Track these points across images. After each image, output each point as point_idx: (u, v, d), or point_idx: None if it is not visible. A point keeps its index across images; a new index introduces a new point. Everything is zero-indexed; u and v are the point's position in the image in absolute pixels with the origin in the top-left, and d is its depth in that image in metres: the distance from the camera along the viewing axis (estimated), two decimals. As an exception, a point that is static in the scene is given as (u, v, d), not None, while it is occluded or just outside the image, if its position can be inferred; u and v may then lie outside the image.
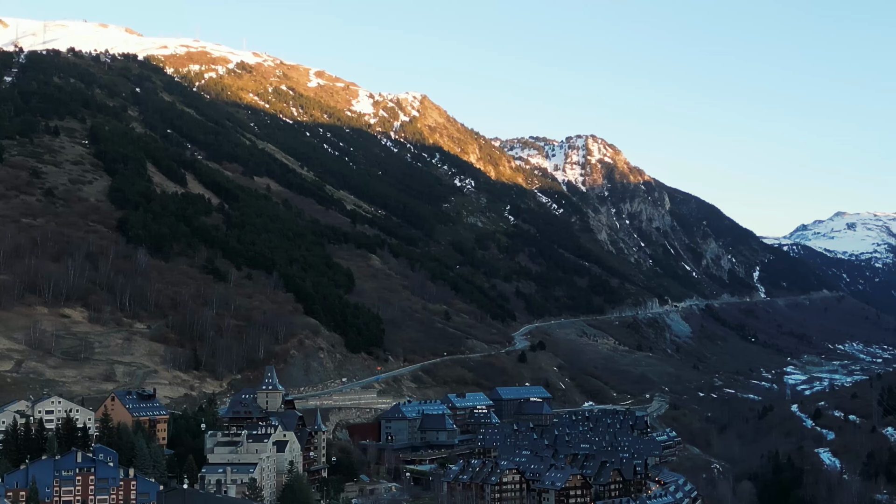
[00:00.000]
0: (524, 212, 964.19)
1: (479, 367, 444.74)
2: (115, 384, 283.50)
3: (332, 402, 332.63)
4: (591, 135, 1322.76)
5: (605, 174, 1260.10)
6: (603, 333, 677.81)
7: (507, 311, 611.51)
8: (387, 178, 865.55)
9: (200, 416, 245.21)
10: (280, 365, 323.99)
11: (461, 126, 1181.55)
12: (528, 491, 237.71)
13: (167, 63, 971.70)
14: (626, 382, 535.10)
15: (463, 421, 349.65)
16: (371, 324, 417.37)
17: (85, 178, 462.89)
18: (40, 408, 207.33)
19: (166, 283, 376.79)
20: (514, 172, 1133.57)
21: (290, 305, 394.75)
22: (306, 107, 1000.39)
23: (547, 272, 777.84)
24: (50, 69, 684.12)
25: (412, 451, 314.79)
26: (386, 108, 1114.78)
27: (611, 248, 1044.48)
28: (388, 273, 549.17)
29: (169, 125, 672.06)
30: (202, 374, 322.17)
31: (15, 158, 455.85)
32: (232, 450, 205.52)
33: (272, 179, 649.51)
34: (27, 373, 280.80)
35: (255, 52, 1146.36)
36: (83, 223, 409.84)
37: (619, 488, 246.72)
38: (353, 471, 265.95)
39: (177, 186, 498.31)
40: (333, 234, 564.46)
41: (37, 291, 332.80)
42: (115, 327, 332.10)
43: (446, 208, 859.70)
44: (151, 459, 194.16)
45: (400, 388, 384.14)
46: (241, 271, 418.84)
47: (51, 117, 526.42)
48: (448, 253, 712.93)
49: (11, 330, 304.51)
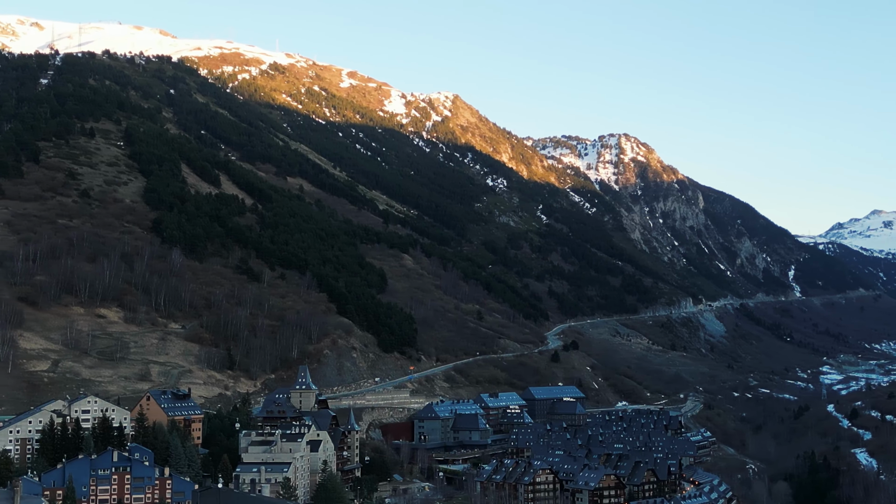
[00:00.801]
0: (557, 211, 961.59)
1: (512, 367, 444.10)
2: (151, 384, 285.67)
3: (365, 401, 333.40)
4: (624, 133, 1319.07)
5: (638, 173, 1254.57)
6: (636, 333, 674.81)
7: (539, 310, 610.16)
8: (419, 178, 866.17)
9: (234, 416, 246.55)
10: (313, 365, 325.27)
11: (493, 125, 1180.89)
12: (561, 491, 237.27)
13: (201, 64, 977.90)
14: (660, 382, 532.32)
15: (496, 421, 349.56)
16: (404, 323, 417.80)
17: (120, 179, 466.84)
18: (77, 407, 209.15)
19: (200, 283, 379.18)
20: (547, 172, 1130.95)
21: (323, 305, 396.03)
22: (339, 107, 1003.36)
23: (580, 271, 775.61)
24: (85, 71, 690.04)
25: (445, 451, 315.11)
26: (418, 108, 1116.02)
27: (644, 247, 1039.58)
28: (420, 273, 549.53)
29: (203, 126, 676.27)
30: (236, 374, 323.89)
31: (51, 160, 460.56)
32: (266, 449, 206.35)
33: (305, 180, 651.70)
34: (64, 372, 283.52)
35: (288, 53, 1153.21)
36: (118, 224, 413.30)
37: (653, 488, 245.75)
38: (387, 470, 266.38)
39: (211, 187, 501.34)
40: (366, 233, 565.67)
41: (73, 292, 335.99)
42: (150, 327, 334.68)
43: (478, 208, 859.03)
44: (186, 458, 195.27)
45: (433, 387, 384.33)
46: (274, 271, 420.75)
47: (86, 119, 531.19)
48: (480, 252, 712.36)
49: (48, 330, 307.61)
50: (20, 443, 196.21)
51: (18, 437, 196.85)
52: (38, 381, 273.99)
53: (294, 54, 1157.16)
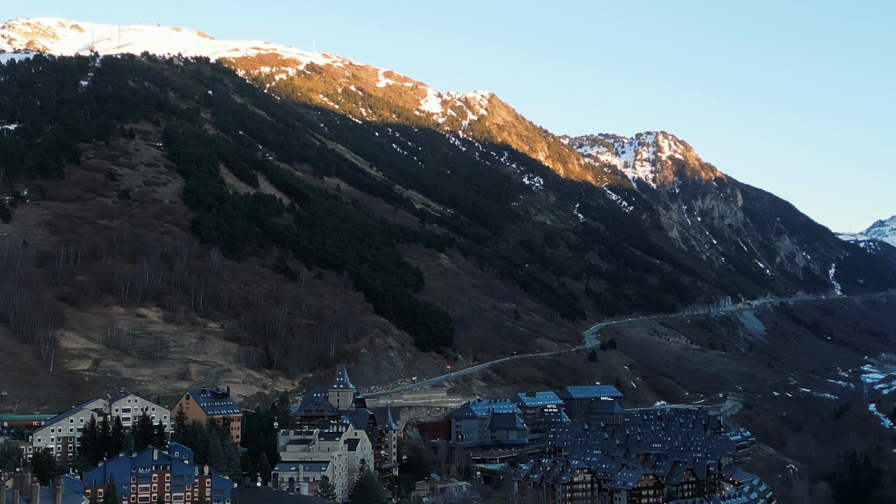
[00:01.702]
0: (594, 209, 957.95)
1: (549, 366, 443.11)
2: (190, 383, 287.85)
3: (402, 400, 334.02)
4: (662, 131, 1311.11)
5: (675, 171, 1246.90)
6: (674, 332, 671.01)
7: (576, 309, 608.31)
8: (455, 177, 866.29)
9: (273, 415, 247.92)
10: (351, 364, 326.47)
11: (529, 124, 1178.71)
12: (599, 491, 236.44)
13: (238, 65, 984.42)
14: (699, 381, 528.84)
15: (533, 420, 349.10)
16: (440, 323, 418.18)
17: (159, 179, 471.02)
18: (117, 406, 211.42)
19: (239, 282, 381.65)
20: (584, 170, 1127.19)
21: (361, 304, 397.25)
22: (375, 107, 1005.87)
23: (617, 270, 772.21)
24: (125, 73, 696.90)
25: (482, 450, 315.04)
26: (454, 107, 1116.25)
27: (682, 245, 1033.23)
28: (457, 272, 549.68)
29: (240, 127, 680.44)
30: (274, 373, 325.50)
31: (91, 161, 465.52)
32: (304, 448, 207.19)
33: (342, 179, 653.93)
34: (104, 372, 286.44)
35: (325, 54, 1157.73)
36: (158, 224, 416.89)
37: (692, 488, 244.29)
38: (424, 469, 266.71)
39: (248, 187, 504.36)
40: (402, 233, 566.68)
41: (113, 292, 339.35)
42: (189, 326, 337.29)
43: (515, 207, 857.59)
44: (225, 457, 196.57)
45: (470, 386, 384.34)
46: (311, 271, 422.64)
47: (126, 120, 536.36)
48: (517, 251, 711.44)
49: (89, 329, 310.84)
50: (62, 441, 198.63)
51: (60, 436, 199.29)
52: (79, 381, 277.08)
53: (331, 54, 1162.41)
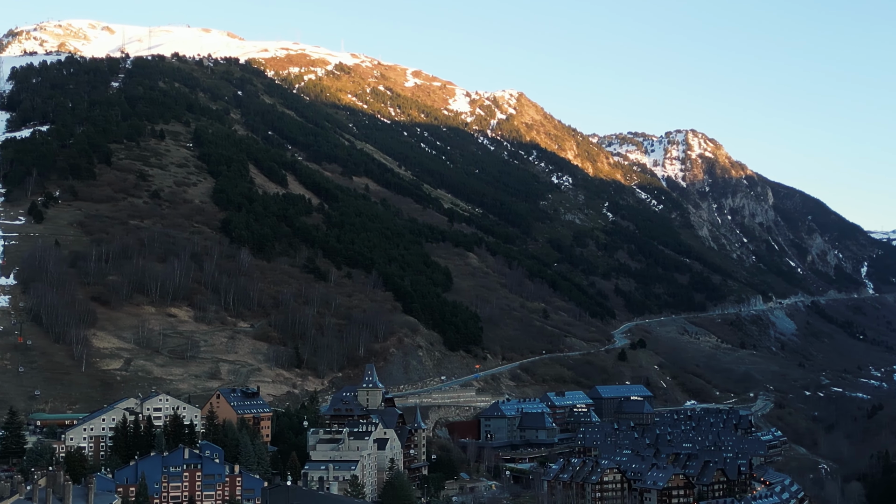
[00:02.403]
0: (623, 208, 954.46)
1: (579, 366, 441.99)
2: (220, 382, 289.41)
3: (431, 399, 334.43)
4: (691, 129, 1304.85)
5: (705, 169, 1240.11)
6: (705, 331, 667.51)
7: (606, 308, 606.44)
8: (484, 177, 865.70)
9: (303, 414, 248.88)
10: (380, 363, 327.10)
11: (558, 123, 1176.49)
12: (629, 490, 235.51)
13: (268, 66, 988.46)
14: (729, 381, 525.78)
15: (562, 419, 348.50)
16: (469, 322, 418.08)
17: (189, 180, 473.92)
18: (149, 405, 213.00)
19: (268, 282, 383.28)
20: (613, 169, 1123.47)
21: (389, 304, 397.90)
22: (404, 106, 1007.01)
23: (647, 269, 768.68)
24: (155, 74, 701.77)
25: (512, 450, 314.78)
26: (482, 106, 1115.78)
27: (712, 244, 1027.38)
28: (485, 271, 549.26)
29: (270, 127, 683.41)
30: (304, 372, 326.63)
31: (122, 162, 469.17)
32: (334, 447, 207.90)
33: (370, 179, 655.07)
34: (136, 371, 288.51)
35: (353, 54, 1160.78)
36: (188, 224, 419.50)
37: (722, 488, 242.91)
38: (453, 468, 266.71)
39: (278, 187, 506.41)
40: (431, 232, 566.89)
41: (144, 291, 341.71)
42: (219, 326, 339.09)
43: (544, 206, 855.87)
44: (256, 456, 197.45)
45: (499, 386, 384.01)
46: (340, 270, 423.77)
47: (156, 121, 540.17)
48: (546, 250, 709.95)
49: (121, 329, 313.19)
50: (94, 440, 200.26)
51: (92, 435, 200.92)
52: (111, 380, 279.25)
53: (359, 54, 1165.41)
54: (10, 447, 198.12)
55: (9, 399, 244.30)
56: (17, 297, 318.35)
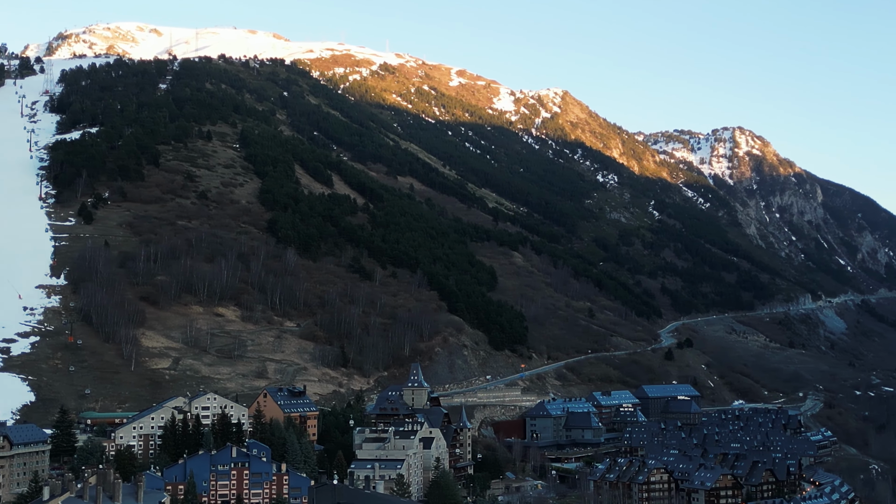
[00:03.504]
0: (669, 206, 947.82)
1: (625, 365, 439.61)
2: (267, 381, 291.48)
3: (476, 399, 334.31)
4: (738, 127, 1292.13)
5: (753, 167, 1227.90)
6: (753, 330, 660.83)
7: (652, 307, 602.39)
8: (528, 175, 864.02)
9: (349, 413, 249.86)
10: (425, 362, 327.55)
11: (603, 121, 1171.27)
12: (676, 491, 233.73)
13: (313, 66, 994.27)
14: (778, 380, 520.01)
15: (608, 419, 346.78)
16: (514, 321, 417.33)
17: (236, 180, 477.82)
18: (197, 404, 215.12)
19: (314, 281, 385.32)
20: (659, 167, 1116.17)
21: (434, 303, 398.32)
22: (448, 106, 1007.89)
23: (693, 268, 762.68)
24: (202, 76, 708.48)
25: (557, 449, 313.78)
26: (527, 104, 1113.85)
27: (760, 242, 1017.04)
28: (530, 270, 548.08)
29: (315, 127, 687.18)
30: (350, 371, 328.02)
31: (170, 163, 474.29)
32: (379, 446, 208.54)
33: (415, 179, 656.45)
34: (184, 370, 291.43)
35: (398, 54, 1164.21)
36: (235, 224, 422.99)
37: (771, 489, 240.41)
38: (499, 468, 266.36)
39: (323, 187, 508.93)
40: (476, 232, 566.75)
41: (192, 291, 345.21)
42: (266, 326, 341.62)
43: (589, 204, 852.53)
44: (302, 455, 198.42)
45: (544, 385, 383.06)
46: (385, 270, 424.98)
47: (203, 122, 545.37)
48: (591, 249, 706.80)
49: (169, 329, 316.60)
50: (143, 438, 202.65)
51: (142, 433, 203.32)
52: (159, 379, 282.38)
53: (404, 54, 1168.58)
54: (62, 445, 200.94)
55: (60, 398, 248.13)
56: (68, 297, 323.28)
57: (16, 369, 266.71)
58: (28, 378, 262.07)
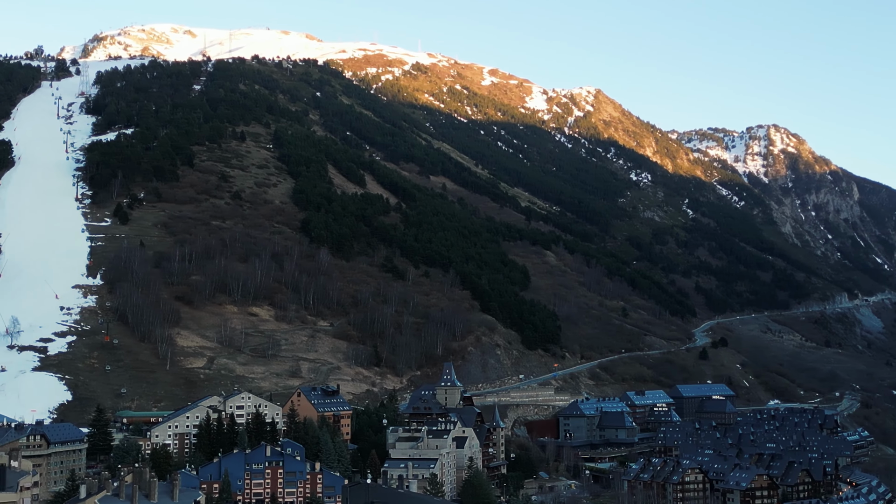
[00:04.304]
0: (703, 205, 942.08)
1: (659, 364, 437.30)
2: (301, 380, 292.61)
3: (509, 398, 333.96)
4: (773, 124, 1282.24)
5: (788, 165, 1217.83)
6: (788, 329, 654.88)
7: (686, 306, 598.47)
8: (561, 174, 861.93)
9: (382, 412, 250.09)
10: (458, 361, 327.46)
11: (636, 119, 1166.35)
12: (711, 491, 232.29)
13: (346, 67, 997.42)
14: (814, 380, 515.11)
15: (642, 419, 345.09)
16: (547, 320, 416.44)
17: (270, 181, 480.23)
18: (231, 403, 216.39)
19: (347, 281, 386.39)
20: (692, 165, 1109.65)
21: (467, 303, 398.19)
22: (480, 105, 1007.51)
23: (728, 266, 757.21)
24: (236, 76, 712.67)
25: (591, 449, 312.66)
26: (559, 103, 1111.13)
27: (795, 240, 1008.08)
28: (563, 269, 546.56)
29: (348, 127, 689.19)
30: (383, 371, 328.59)
31: (205, 164, 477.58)
32: (413, 445, 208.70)
33: (447, 178, 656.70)
34: (219, 369, 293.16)
35: (430, 53, 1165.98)
36: (268, 224, 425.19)
37: (807, 489, 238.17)
38: (532, 467, 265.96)
39: (356, 187, 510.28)
40: (508, 231, 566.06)
41: (226, 291, 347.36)
42: (299, 325, 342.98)
43: (622, 203, 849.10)
44: (336, 454, 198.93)
45: (577, 385, 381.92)
46: (418, 269, 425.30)
47: (237, 123, 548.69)
48: (624, 248, 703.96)
49: (204, 328, 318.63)
50: (178, 437, 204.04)
51: (177, 432, 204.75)
52: (194, 378, 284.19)
53: (436, 54, 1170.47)
54: (98, 444, 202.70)
55: (96, 397, 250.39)
56: (104, 296, 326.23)
57: (53, 368, 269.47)
58: (65, 377, 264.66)
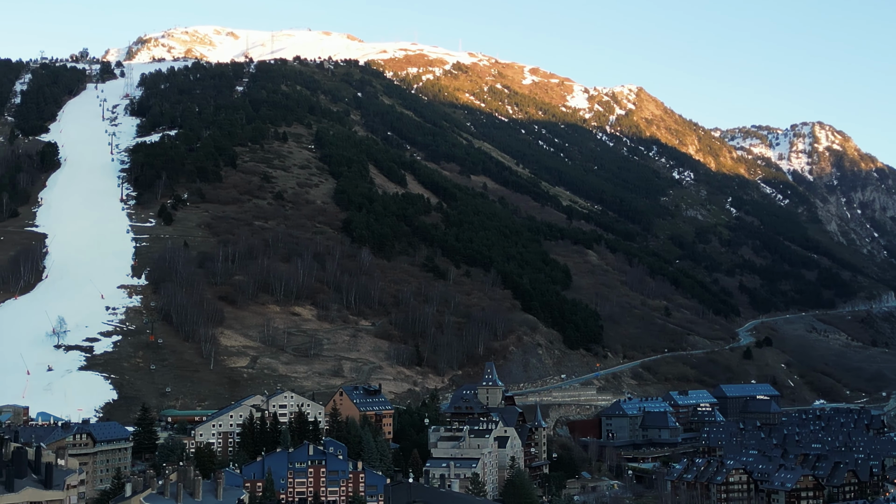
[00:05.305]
0: (747, 203, 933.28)
1: (702, 364, 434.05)
2: (343, 379, 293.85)
3: (551, 398, 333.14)
4: (818, 121, 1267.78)
5: (833, 162, 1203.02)
6: (834, 328, 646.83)
7: (730, 305, 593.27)
8: (602, 173, 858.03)
9: (423, 411, 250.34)
10: (499, 361, 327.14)
11: (679, 117, 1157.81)
12: (755, 492, 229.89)
13: (386, 67, 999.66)
14: (860, 380, 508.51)
15: (685, 419, 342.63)
16: (589, 320, 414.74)
17: (311, 181, 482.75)
18: (274, 402, 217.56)
19: (389, 281, 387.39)
20: (736, 163, 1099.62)
21: (508, 302, 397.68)
22: (521, 104, 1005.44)
23: (772, 265, 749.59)
24: (277, 77, 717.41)
25: (634, 449, 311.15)
26: (601, 102, 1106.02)
27: (841, 239, 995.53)
28: (605, 268, 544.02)
29: (389, 128, 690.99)
30: (424, 370, 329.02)
31: (247, 164, 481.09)
32: (454, 445, 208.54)
33: (488, 178, 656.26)
34: (262, 368, 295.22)
35: (471, 53, 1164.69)
36: (310, 224, 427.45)
37: (854, 490, 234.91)
38: (575, 467, 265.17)
39: (397, 187, 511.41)
40: (549, 230, 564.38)
41: (269, 290, 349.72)
42: (341, 324, 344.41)
43: (664, 202, 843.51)
44: (378, 453, 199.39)
45: (620, 384, 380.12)
46: (459, 269, 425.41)
47: (279, 124, 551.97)
48: (667, 247, 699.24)
49: (247, 328, 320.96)
50: (222, 436, 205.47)
51: (221, 431, 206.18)
52: (238, 377, 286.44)
53: (476, 53, 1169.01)
54: (143, 443, 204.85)
55: (141, 396, 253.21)
56: (149, 296, 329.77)
57: (99, 368, 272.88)
58: (111, 376, 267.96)
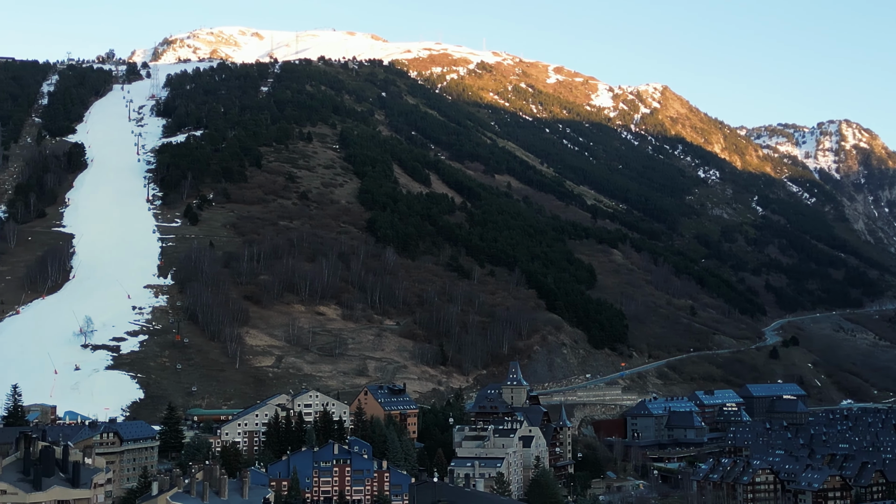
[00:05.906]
0: (773, 202, 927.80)
1: (728, 364, 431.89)
2: (368, 379, 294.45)
3: (576, 397, 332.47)
4: (845, 119, 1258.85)
5: (860, 160, 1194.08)
6: (861, 328, 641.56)
7: (756, 305, 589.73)
8: (627, 172, 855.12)
9: (448, 411, 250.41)
10: (524, 360, 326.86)
11: (704, 116, 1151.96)
12: (782, 492, 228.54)
13: (410, 67, 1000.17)
14: (888, 379, 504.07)
15: (711, 418, 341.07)
16: (614, 319, 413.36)
17: (336, 181, 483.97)
18: (299, 401, 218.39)
19: (413, 280, 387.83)
20: (762, 161, 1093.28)
21: (533, 301, 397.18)
22: (545, 103, 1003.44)
23: (799, 264, 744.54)
24: (302, 78, 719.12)
25: (659, 449, 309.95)
26: (626, 100, 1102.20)
27: (868, 237, 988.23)
28: (630, 268, 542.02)
29: (413, 127, 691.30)
30: (448, 370, 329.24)
31: (272, 164, 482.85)
32: (479, 444, 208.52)
33: (512, 177, 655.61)
34: (287, 368, 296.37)
35: (495, 52, 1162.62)
36: (335, 224, 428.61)
37: (882, 491, 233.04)
38: (600, 467, 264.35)
39: (421, 187, 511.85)
40: (574, 229, 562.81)
41: (294, 290, 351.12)
42: (366, 324, 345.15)
43: (690, 200, 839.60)
44: (403, 452, 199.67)
45: (645, 384, 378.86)
46: (483, 268, 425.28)
47: (304, 124, 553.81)
48: (692, 246, 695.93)
49: (272, 327, 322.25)
50: (248, 435, 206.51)
51: (246, 430, 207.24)
52: (263, 377, 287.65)
53: (501, 52, 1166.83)
54: (170, 442, 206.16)
55: (168, 395, 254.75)
56: (175, 296, 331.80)
57: (125, 367, 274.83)
58: (137, 376, 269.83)
